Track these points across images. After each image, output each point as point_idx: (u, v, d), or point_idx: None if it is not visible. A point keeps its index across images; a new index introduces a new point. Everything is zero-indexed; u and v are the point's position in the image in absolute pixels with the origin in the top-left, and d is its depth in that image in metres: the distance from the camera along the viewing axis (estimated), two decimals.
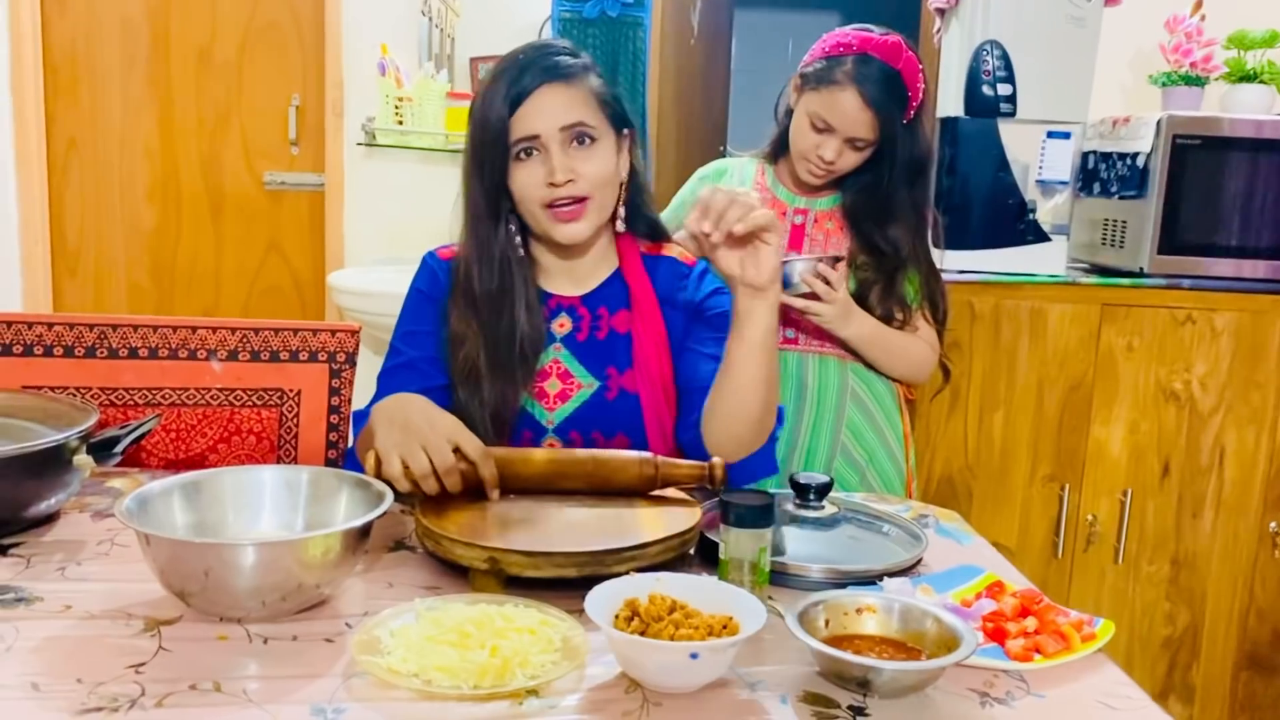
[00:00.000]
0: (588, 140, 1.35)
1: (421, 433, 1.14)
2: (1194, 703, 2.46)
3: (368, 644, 0.91)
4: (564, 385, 1.42)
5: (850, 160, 1.72)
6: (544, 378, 1.42)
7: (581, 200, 1.35)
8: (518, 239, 1.41)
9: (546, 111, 1.32)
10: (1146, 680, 2.44)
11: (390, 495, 1.06)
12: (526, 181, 1.34)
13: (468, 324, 1.39)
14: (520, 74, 1.33)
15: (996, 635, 0.99)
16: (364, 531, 1.02)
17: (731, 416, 1.30)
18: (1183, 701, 2.45)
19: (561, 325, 1.44)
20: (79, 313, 1.97)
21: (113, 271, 3.05)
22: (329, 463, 1.52)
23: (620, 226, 1.45)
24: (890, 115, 1.68)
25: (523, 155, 1.34)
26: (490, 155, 1.34)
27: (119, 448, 1.18)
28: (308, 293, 3.08)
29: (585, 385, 1.42)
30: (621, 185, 1.42)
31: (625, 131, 1.42)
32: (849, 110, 1.67)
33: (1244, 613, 2.42)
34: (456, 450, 1.15)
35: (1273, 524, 2.38)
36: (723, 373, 1.29)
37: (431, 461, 1.13)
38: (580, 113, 1.34)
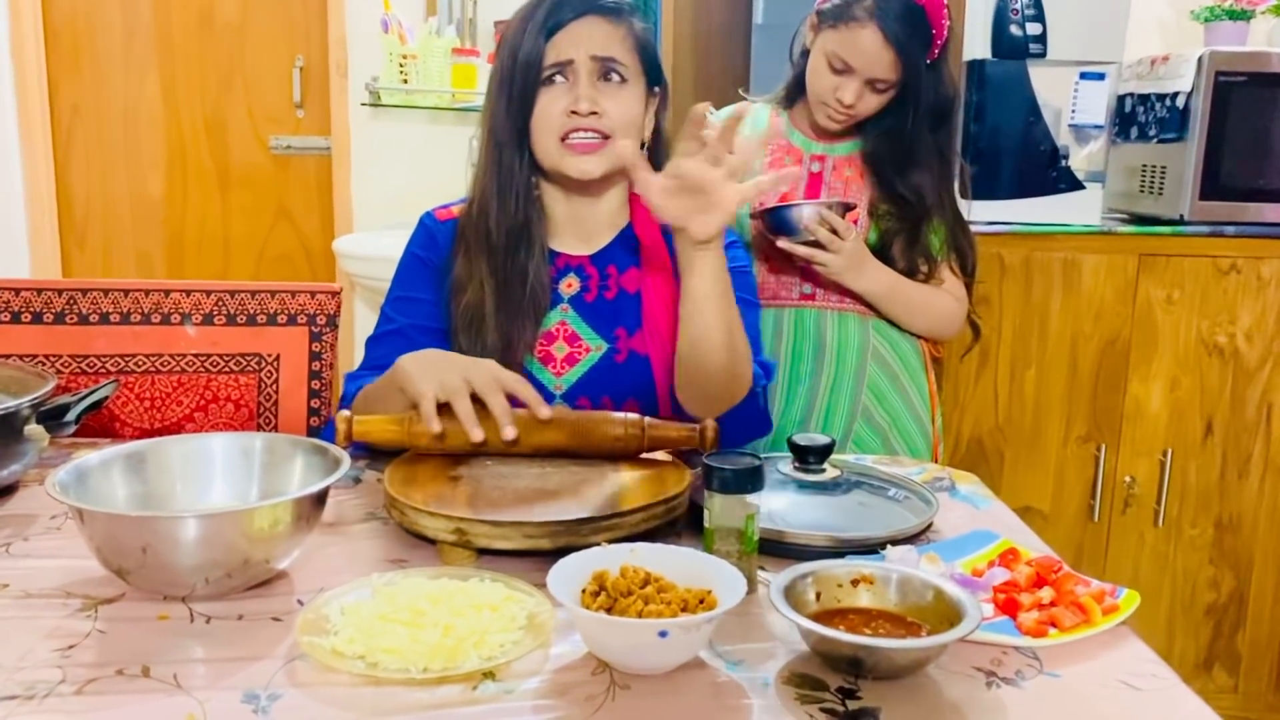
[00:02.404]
0: (617, 78, 1.29)
1: (461, 362, 1.15)
2: (1239, 671, 2.35)
3: (315, 623, 0.84)
4: (571, 349, 1.35)
5: (871, 103, 1.62)
6: (550, 340, 1.35)
7: (604, 137, 1.28)
8: (534, 179, 1.35)
9: (582, 39, 1.28)
10: (1189, 648, 2.33)
11: (347, 461, 0.98)
12: (549, 108, 1.28)
13: (473, 268, 1.33)
14: (561, 3, 1.28)
15: (1008, 608, 0.90)
16: (318, 500, 0.95)
17: (695, 372, 1.22)
18: (1227, 670, 2.34)
19: (569, 285, 1.37)
20: (47, 279, 1.91)
21: (121, 241, 3.00)
22: (311, 430, 1.45)
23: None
24: (913, 54, 1.57)
25: (550, 81, 1.28)
26: (520, 80, 1.28)
27: (70, 415, 1.11)
28: (318, 259, 3.01)
29: (594, 348, 1.34)
30: (644, 145, 1.35)
31: (656, 90, 1.36)
32: (869, 48, 1.56)
33: None
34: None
35: None
36: (679, 331, 1.22)
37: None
38: (615, 48, 1.29)
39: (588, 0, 1.29)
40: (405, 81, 2.66)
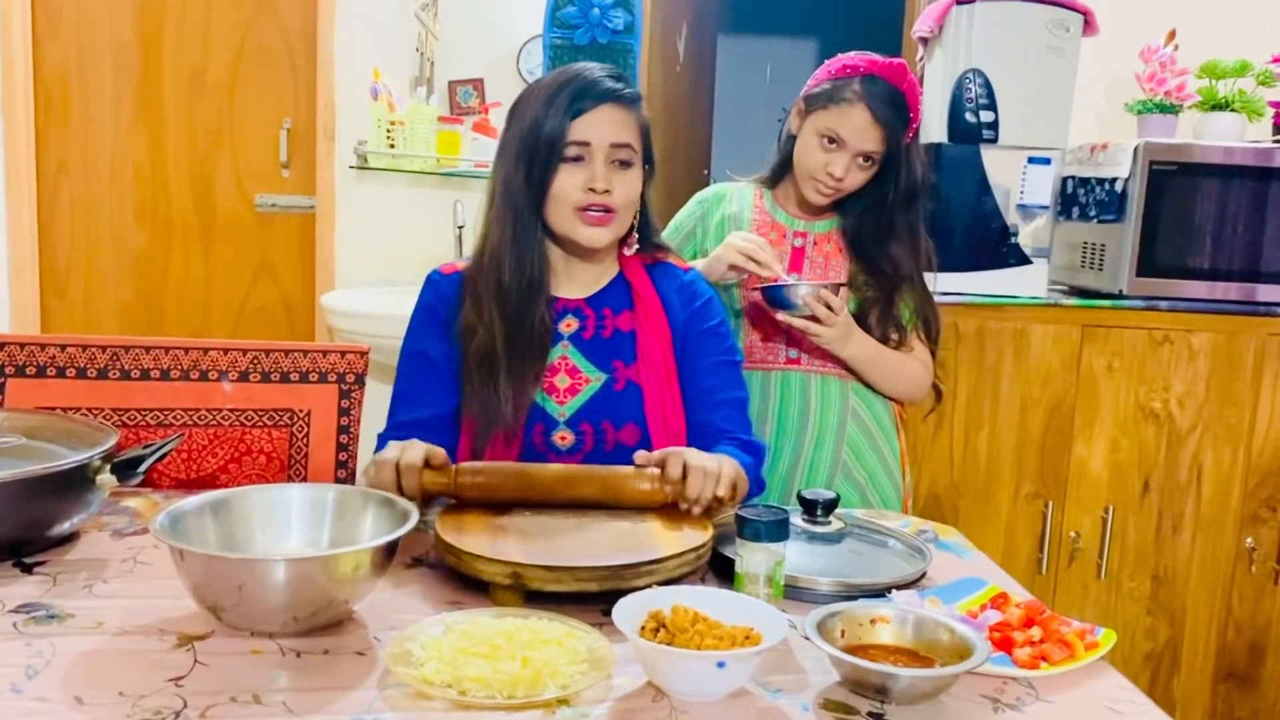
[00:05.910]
0: (627, 163, 1.45)
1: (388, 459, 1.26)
2: (1175, 716, 2.51)
3: (400, 656, 0.94)
4: (573, 380, 1.49)
5: (856, 178, 1.77)
6: (554, 373, 1.49)
7: (610, 212, 1.44)
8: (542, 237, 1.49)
9: (602, 126, 1.43)
10: None
11: (415, 513, 1.08)
12: (567, 183, 1.43)
13: (482, 313, 1.46)
14: (585, 89, 1.44)
15: (1004, 644, 1.03)
16: (391, 548, 1.05)
17: None
18: (1164, 714, 2.50)
19: (568, 325, 1.51)
20: (92, 335, 1.98)
21: (101, 292, 3.05)
22: (338, 482, 1.54)
23: (629, 251, 1.54)
24: (896, 132, 1.73)
25: (569, 159, 1.43)
26: (543, 155, 1.43)
27: (142, 467, 1.20)
28: (298, 314, 3.08)
29: (593, 379, 1.49)
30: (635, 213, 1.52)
31: (648, 166, 1.52)
32: (859, 125, 1.72)
33: (1222, 627, 2.48)
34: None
35: (1249, 540, 2.44)
36: None
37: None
38: (628, 135, 1.45)
39: (611, 91, 1.45)
40: (392, 146, 2.77)
